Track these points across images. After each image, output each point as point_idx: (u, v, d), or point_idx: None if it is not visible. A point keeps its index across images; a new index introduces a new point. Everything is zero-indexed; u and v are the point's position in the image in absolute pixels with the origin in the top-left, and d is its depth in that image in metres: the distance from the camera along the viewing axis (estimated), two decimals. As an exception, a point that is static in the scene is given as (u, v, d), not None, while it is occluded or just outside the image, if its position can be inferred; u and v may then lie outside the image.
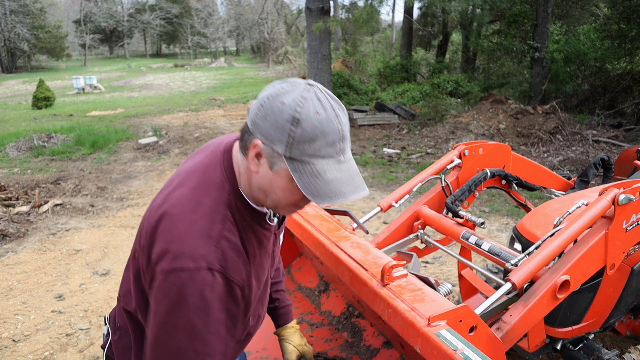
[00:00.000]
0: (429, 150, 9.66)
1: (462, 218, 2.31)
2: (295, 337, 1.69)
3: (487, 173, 2.56)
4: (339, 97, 13.99)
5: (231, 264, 1.08)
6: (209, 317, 1.05)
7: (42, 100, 18.17)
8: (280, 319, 1.72)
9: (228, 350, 1.14)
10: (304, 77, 14.96)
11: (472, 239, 2.17)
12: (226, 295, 1.08)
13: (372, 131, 11.72)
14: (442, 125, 10.82)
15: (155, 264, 1.07)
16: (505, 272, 1.92)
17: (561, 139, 9.37)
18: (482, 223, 2.21)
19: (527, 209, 2.94)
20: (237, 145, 1.18)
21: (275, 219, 1.29)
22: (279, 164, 1.05)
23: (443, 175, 2.60)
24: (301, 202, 1.12)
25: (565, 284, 1.74)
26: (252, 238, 1.18)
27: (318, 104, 1.05)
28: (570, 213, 1.89)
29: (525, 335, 1.87)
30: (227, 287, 1.07)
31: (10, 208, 6.26)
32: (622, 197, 1.77)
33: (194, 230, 1.07)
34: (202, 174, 1.17)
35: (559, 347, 2.15)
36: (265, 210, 1.22)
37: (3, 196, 6.54)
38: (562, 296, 1.75)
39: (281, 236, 1.47)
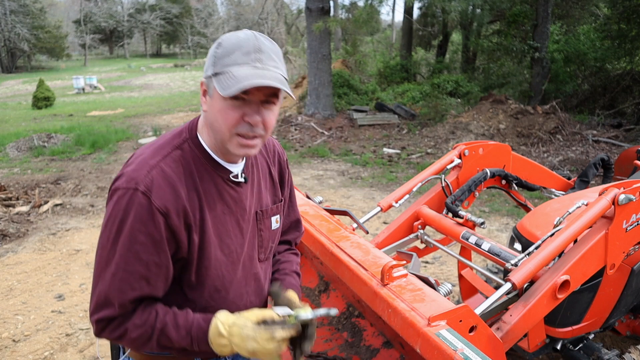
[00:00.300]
0: (429, 150, 9.67)
1: (462, 218, 2.31)
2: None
3: (487, 173, 2.56)
4: (339, 97, 14.00)
5: (157, 190, 1.16)
6: (130, 235, 1.14)
7: (42, 100, 18.17)
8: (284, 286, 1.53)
9: (151, 278, 1.18)
10: (303, 78, 14.85)
11: (472, 239, 2.17)
12: (147, 217, 1.14)
13: (372, 131, 11.72)
14: (442, 125, 10.82)
15: (110, 186, 1.23)
16: (505, 272, 1.92)
17: (561, 139, 9.38)
18: (482, 223, 2.21)
19: (527, 209, 2.95)
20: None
21: (243, 180, 1.32)
22: (211, 86, 1.17)
23: (443, 175, 2.60)
24: (241, 126, 1.18)
25: (565, 284, 1.74)
26: (212, 188, 1.26)
27: (244, 33, 1.19)
28: (570, 213, 1.89)
29: (525, 335, 1.87)
30: (148, 209, 1.14)
31: (10, 208, 6.26)
32: (622, 197, 1.77)
33: (137, 160, 1.21)
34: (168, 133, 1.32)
35: (559, 347, 2.15)
36: (229, 166, 1.29)
37: (3, 196, 6.54)
38: (562, 296, 1.75)
39: (274, 221, 1.43)
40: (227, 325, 1.20)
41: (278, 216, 1.46)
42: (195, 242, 1.22)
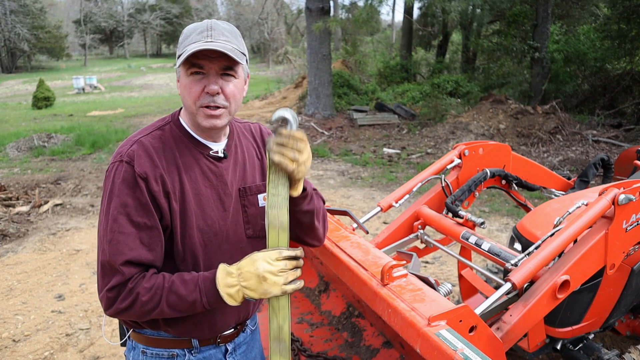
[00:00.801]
0: (429, 150, 9.67)
1: (462, 218, 2.31)
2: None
3: (487, 173, 2.56)
4: (339, 97, 14.00)
5: (138, 159, 1.28)
6: (119, 199, 1.25)
7: (42, 100, 18.18)
8: None
9: (144, 239, 1.27)
10: (303, 78, 14.84)
11: (472, 239, 2.17)
12: (132, 182, 1.26)
13: (372, 131, 11.72)
14: (442, 125, 10.82)
15: None
16: (505, 272, 1.92)
17: (561, 139, 9.38)
18: (482, 223, 2.21)
19: (527, 209, 2.95)
20: None
21: (223, 155, 1.41)
22: (177, 67, 1.31)
23: (443, 175, 2.60)
24: (204, 98, 1.29)
25: (565, 284, 1.74)
26: (192, 162, 1.36)
27: (201, 21, 1.32)
28: (570, 213, 1.89)
29: (525, 335, 1.87)
30: (132, 175, 1.26)
31: (11, 208, 6.26)
32: (622, 197, 1.77)
33: (125, 140, 1.36)
34: None
35: (559, 347, 2.15)
36: (210, 144, 1.40)
37: (3, 196, 6.54)
38: (562, 296, 1.75)
39: (260, 198, 1.45)
40: (235, 265, 1.27)
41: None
42: (175, 209, 1.30)
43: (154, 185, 1.27)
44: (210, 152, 1.40)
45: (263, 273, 1.23)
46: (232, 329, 1.50)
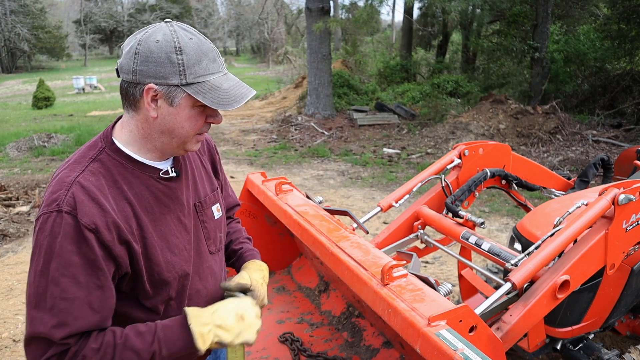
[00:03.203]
0: (429, 150, 9.67)
1: (462, 218, 2.31)
2: (254, 272, 1.43)
3: (487, 173, 2.56)
4: (339, 97, 14.00)
5: (81, 206, 1.07)
6: (61, 259, 1.05)
7: (42, 100, 18.18)
8: (245, 259, 1.53)
9: (94, 303, 1.09)
10: (303, 78, 14.85)
11: (472, 239, 2.17)
12: (78, 237, 1.06)
13: (372, 131, 11.72)
14: (442, 125, 10.82)
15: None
16: (505, 272, 1.92)
17: (561, 139, 9.38)
18: (482, 223, 2.21)
19: (527, 209, 2.95)
20: (114, 125, 1.26)
21: (175, 174, 1.27)
22: (179, 96, 1.14)
23: (443, 175, 2.60)
24: (204, 127, 1.22)
25: (565, 284, 1.74)
26: (143, 191, 1.20)
27: (185, 32, 1.15)
28: (570, 213, 1.89)
29: (525, 335, 1.87)
30: (76, 229, 1.06)
31: (11, 208, 6.26)
32: (622, 197, 1.77)
33: (54, 182, 1.13)
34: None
35: (559, 347, 2.15)
36: (157, 165, 1.25)
37: (3, 196, 6.54)
38: (562, 296, 1.75)
39: (215, 210, 1.41)
40: (206, 309, 1.18)
41: (218, 204, 1.44)
42: (138, 251, 1.16)
43: (106, 235, 1.08)
44: (160, 174, 1.24)
45: (242, 312, 1.17)
46: None
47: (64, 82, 28.84)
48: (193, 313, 1.16)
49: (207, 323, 1.15)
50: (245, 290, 1.31)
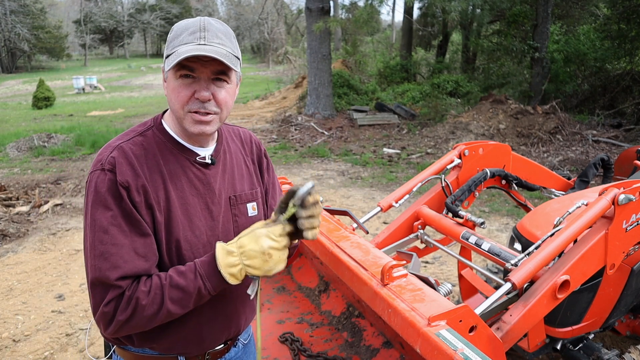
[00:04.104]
0: (429, 150, 9.67)
1: (462, 218, 2.31)
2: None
3: (487, 173, 2.56)
4: (339, 97, 14.00)
5: (119, 166, 1.19)
6: (106, 210, 1.17)
7: (42, 100, 18.18)
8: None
9: (139, 249, 1.19)
10: (303, 78, 14.84)
11: (472, 239, 2.17)
12: (116, 192, 1.18)
13: (372, 131, 11.72)
14: (442, 125, 10.82)
15: None
16: (505, 272, 1.92)
17: (561, 139, 9.38)
18: (482, 223, 2.21)
19: (527, 209, 2.95)
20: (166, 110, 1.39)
21: (210, 161, 1.34)
22: (166, 68, 1.23)
23: (443, 175, 2.60)
24: (192, 103, 1.22)
25: (565, 284, 1.74)
26: (178, 169, 1.29)
27: (191, 18, 1.25)
28: (570, 213, 1.89)
29: (525, 335, 1.87)
30: (115, 184, 1.18)
31: (11, 208, 6.26)
32: (622, 197, 1.77)
33: (104, 146, 1.27)
34: None
35: (559, 347, 2.15)
36: (197, 150, 1.33)
37: (3, 196, 6.54)
38: (562, 296, 1.75)
39: (250, 208, 1.43)
40: (233, 242, 1.22)
41: (255, 203, 1.45)
42: (160, 222, 1.23)
43: (135, 195, 1.19)
44: (197, 158, 1.32)
45: (268, 250, 1.18)
46: (222, 345, 1.42)
47: (64, 82, 28.83)
48: (221, 255, 1.20)
49: (235, 264, 1.19)
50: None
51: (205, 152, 1.34)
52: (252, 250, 1.18)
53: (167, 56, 1.22)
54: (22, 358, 3.28)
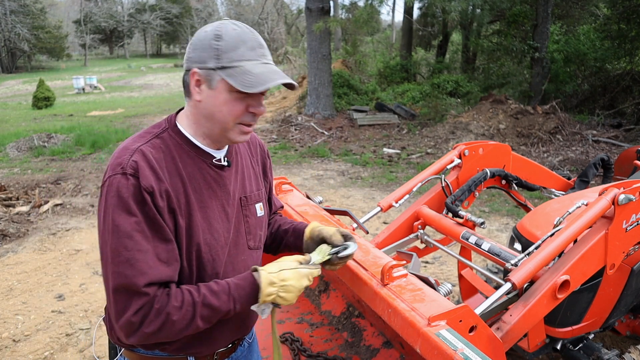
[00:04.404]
0: (429, 150, 9.67)
1: (462, 218, 2.31)
2: (322, 225, 1.56)
3: (487, 173, 2.56)
4: (339, 97, 14.00)
5: (142, 170, 1.17)
6: (130, 216, 1.15)
7: (42, 100, 18.17)
8: (300, 230, 1.60)
9: (162, 255, 1.19)
10: (303, 78, 14.88)
11: (472, 239, 2.17)
12: (140, 197, 1.16)
13: (372, 131, 11.72)
14: (442, 125, 10.82)
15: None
16: (505, 272, 1.92)
17: (561, 139, 9.38)
18: (482, 223, 2.21)
19: (527, 209, 2.94)
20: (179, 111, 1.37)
21: (226, 163, 1.35)
22: (215, 78, 1.21)
23: (443, 175, 2.60)
24: (245, 116, 1.26)
25: (565, 284, 1.74)
26: (196, 172, 1.29)
27: (232, 25, 1.24)
28: (570, 213, 1.89)
29: (525, 335, 1.87)
30: (138, 189, 1.16)
31: (11, 208, 6.26)
32: (622, 197, 1.77)
33: (119, 149, 1.24)
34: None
35: (559, 347, 2.15)
36: (212, 152, 1.33)
37: (3, 196, 6.54)
38: (562, 296, 1.74)
39: (258, 208, 1.46)
40: (276, 273, 1.26)
41: (261, 203, 1.49)
42: (182, 226, 1.23)
43: (159, 200, 1.18)
44: (214, 161, 1.32)
45: (302, 288, 1.28)
46: (231, 345, 1.46)
47: (64, 82, 28.83)
48: (264, 284, 1.24)
49: (271, 294, 1.24)
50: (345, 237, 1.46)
51: (220, 154, 1.35)
52: (292, 287, 1.26)
53: (224, 67, 1.19)
54: (22, 358, 3.28)
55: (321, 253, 1.40)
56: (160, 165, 1.21)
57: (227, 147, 1.39)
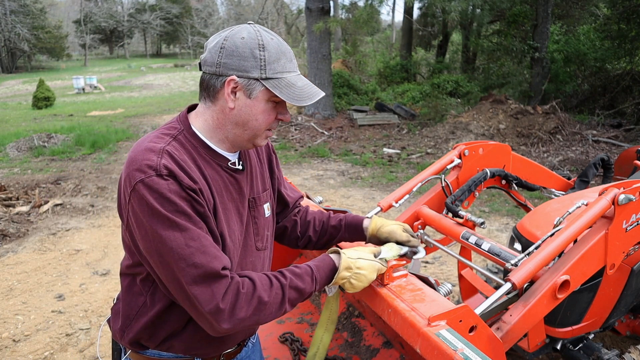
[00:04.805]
0: (429, 150, 9.67)
1: (462, 218, 2.31)
2: (386, 221, 1.58)
3: (487, 173, 2.56)
4: (339, 97, 14.00)
5: (177, 171, 1.15)
6: (181, 213, 1.13)
7: (42, 100, 18.17)
8: (357, 224, 1.62)
9: (218, 247, 1.20)
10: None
11: (472, 239, 2.17)
12: (185, 194, 1.15)
13: (372, 131, 11.72)
14: (442, 125, 10.82)
15: (125, 192, 1.18)
16: (505, 272, 1.92)
17: (561, 139, 9.38)
18: (482, 223, 2.21)
19: (527, 209, 2.94)
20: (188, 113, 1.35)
21: (241, 167, 1.36)
22: (257, 89, 1.22)
23: (443, 175, 2.60)
24: (274, 123, 1.30)
25: (565, 284, 1.74)
26: (215, 175, 1.28)
27: (267, 33, 1.25)
28: (570, 213, 1.89)
29: (525, 335, 1.87)
30: (181, 187, 1.15)
31: (11, 208, 6.26)
32: (622, 197, 1.77)
33: (141, 151, 1.19)
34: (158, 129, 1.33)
35: (559, 347, 2.15)
36: (226, 154, 1.32)
37: (3, 196, 6.54)
38: (562, 296, 1.74)
39: (265, 209, 1.47)
40: (354, 260, 1.32)
41: (268, 204, 1.49)
42: (213, 226, 1.23)
43: (200, 198, 1.18)
44: (229, 164, 1.33)
45: (371, 280, 1.35)
46: (236, 347, 1.46)
47: (64, 82, 28.83)
48: (342, 267, 1.31)
49: (344, 278, 1.32)
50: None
51: (234, 157, 1.36)
52: (364, 276, 1.32)
53: (268, 78, 1.21)
54: (22, 358, 3.28)
55: (392, 251, 1.44)
56: (189, 166, 1.20)
57: (239, 150, 1.39)
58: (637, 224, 1.88)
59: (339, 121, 12.45)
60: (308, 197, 2.30)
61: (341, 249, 1.41)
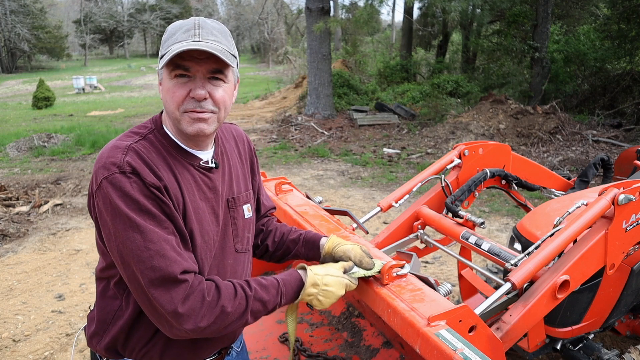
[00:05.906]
0: (429, 150, 9.67)
1: (462, 218, 2.31)
2: (343, 240, 1.51)
3: (487, 173, 2.56)
4: (339, 97, 13.99)
5: (141, 169, 1.14)
6: (143, 212, 1.11)
7: (42, 100, 18.18)
8: (314, 241, 1.55)
9: (182, 247, 1.17)
10: (303, 78, 14.88)
11: (472, 239, 2.17)
12: (148, 192, 1.13)
13: (372, 131, 11.72)
14: (442, 125, 10.82)
15: (92, 190, 1.17)
16: (505, 272, 1.92)
17: (561, 139, 9.38)
18: (482, 223, 2.21)
19: (527, 209, 2.94)
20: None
21: (214, 165, 1.32)
22: (161, 71, 1.21)
23: (443, 175, 2.60)
24: (188, 103, 1.18)
25: (565, 284, 1.74)
26: (186, 173, 1.25)
27: (191, 18, 1.22)
28: (570, 213, 1.89)
29: (525, 335, 1.87)
30: (144, 185, 1.13)
31: (11, 208, 6.26)
32: (621, 197, 1.77)
33: (107, 149, 1.18)
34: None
35: (558, 347, 2.15)
36: (198, 154, 1.29)
37: (3, 196, 6.54)
38: (561, 296, 1.74)
39: (246, 210, 1.42)
40: (321, 276, 1.29)
41: (249, 205, 1.45)
42: (181, 225, 1.20)
43: (164, 196, 1.16)
44: (201, 163, 1.29)
45: (339, 297, 1.31)
46: (217, 354, 1.41)
47: (64, 82, 28.83)
48: (308, 283, 1.27)
49: (311, 294, 1.28)
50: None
51: (207, 156, 1.31)
52: (331, 293, 1.29)
53: (162, 56, 1.17)
54: (22, 358, 3.28)
55: (362, 269, 1.43)
56: (155, 164, 1.18)
57: (213, 147, 1.34)
58: (637, 224, 1.88)
59: (339, 121, 12.45)
60: (308, 197, 2.30)
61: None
